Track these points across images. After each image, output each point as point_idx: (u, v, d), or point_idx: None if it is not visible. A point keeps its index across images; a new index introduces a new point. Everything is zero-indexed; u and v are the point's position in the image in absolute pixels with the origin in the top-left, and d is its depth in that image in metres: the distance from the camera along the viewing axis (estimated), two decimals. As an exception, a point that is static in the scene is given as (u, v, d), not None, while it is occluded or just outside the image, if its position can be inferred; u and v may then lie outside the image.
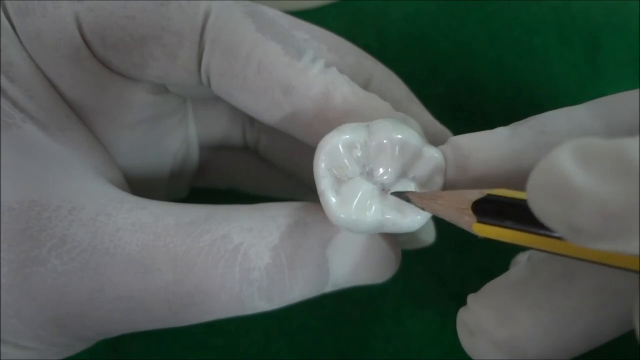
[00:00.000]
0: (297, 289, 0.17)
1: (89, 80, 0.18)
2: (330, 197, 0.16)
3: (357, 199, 0.16)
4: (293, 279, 0.17)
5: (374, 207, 0.16)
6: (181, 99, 0.21)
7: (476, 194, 0.14)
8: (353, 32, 0.29)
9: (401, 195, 0.16)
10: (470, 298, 0.16)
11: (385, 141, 0.16)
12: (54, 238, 0.16)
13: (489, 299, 0.15)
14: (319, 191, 0.16)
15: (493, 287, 0.16)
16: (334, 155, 0.16)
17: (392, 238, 0.18)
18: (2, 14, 0.17)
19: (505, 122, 0.17)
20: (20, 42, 0.18)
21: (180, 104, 0.21)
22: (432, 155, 0.16)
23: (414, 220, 0.16)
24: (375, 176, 0.16)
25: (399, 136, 0.16)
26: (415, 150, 0.16)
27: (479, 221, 0.14)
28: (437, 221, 0.19)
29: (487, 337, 0.15)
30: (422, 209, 0.16)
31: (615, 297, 0.14)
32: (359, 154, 0.16)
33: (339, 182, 0.16)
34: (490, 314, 0.15)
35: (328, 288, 0.17)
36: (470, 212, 0.14)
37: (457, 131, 0.19)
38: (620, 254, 0.12)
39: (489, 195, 0.14)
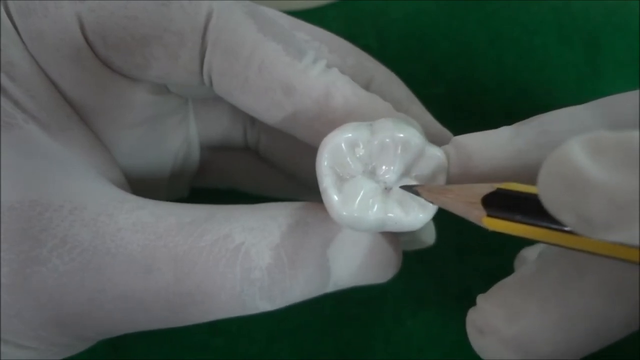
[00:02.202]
0: (298, 289, 0.17)
1: (90, 80, 0.18)
2: (332, 195, 0.16)
3: (359, 197, 0.16)
4: (294, 278, 0.17)
5: (376, 206, 0.16)
6: (182, 99, 0.21)
7: (486, 188, 0.14)
8: (353, 32, 0.29)
9: (410, 189, 0.16)
10: (480, 298, 0.16)
11: (387, 140, 0.16)
12: (55, 238, 0.16)
13: (498, 297, 0.15)
14: (321, 189, 0.16)
15: (502, 286, 0.16)
16: (337, 154, 0.16)
17: (393, 238, 0.18)
18: (4, 14, 0.17)
19: (505, 122, 0.17)
20: (22, 42, 0.18)
21: (181, 104, 0.21)
22: (435, 154, 0.16)
23: (416, 218, 0.16)
24: (377, 175, 0.16)
25: (402, 135, 0.16)
26: (417, 149, 0.16)
27: (489, 215, 0.14)
28: (438, 222, 0.19)
29: (496, 335, 0.15)
30: (431, 202, 0.16)
31: (626, 293, 0.14)
32: (361, 153, 0.16)
33: (341, 180, 0.16)
34: (500, 312, 0.15)
35: (329, 288, 0.17)
36: (480, 206, 0.14)
37: (457, 131, 0.19)
38: (630, 247, 0.12)
39: (499, 189, 0.14)
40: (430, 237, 0.22)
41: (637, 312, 0.14)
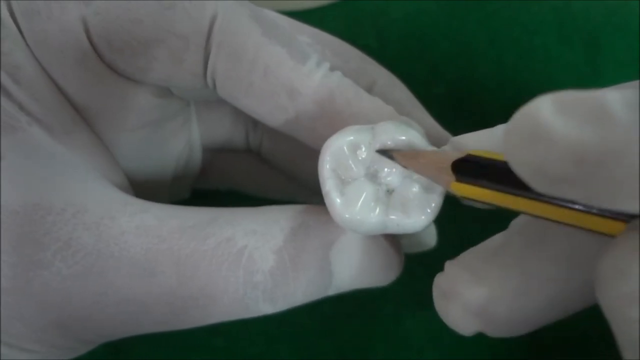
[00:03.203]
0: (300, 291, 0.17)
1: (95, 83, 0.18)
2: (335, 198, 0.16)
3: (361, 200, 0.16)
4: (297, 281, 0.17)
5: (378, 208, 0.16)
6: (185, 101, 0.21)
7: (457, 154, 0.15)
8: (353, 32, 0.29)
9: (385, 153, 0.16)
10: (447, 263, 0.16)
11: (389, 143, 0.16)
12: (59, 241, 0.16)
13: (464, 262, 0.16)
14: (323, 192, 0.16)
15: (470, 252, 0.16)
16: (339, 157, 0.16)
17: (395, 241, 0.18)
18: (9, 16, 0.17)
19: (505, 122, 0.17)
20: (27, 45, 0.18)
21: (183, 107, 0.21)
22: None
23: (417, 221, 0.16)
24: (379, 177, 0.16)
25: (403, 138, 0.16)
26: None
27: (457, 180, 0.14)
28: (438, 223, 0.19)
29: (458, 299, 0.15)
30: (404, 167, 0.16)
31: (586, 264, 0.14)
32: (363, 156, 0.16)
33: (343, 183, 0.16)
34: (464, 275, 0.15)
35: (331, 291, 0.17)
36: (449, 171, 0.15)
37: (457, 131, 0.19)
38: (588, 213, 0.12)
39: (469, 155, 0.15)
40: (431, 239, 0.22)
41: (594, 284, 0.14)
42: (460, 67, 0.28)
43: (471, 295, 0.15)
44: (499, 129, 0.16)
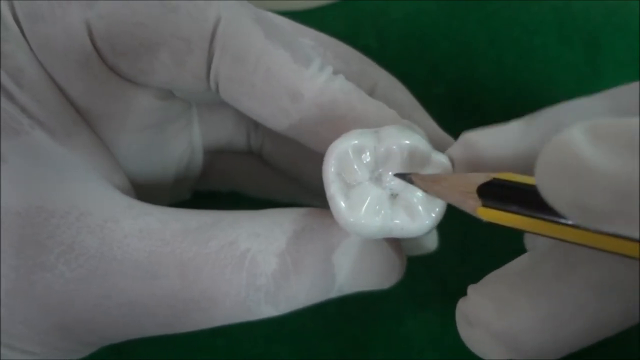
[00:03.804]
0: (303, 294, 0.17)
1: (97, 85, 0.18)
2: (339, 202, 0.16)
3: (366, 204, 0.16)
4: (299, 285, 0.17)
5: (382, 212, 0.16)
6: (187, 103, 0.21)
7: (482, 177, 0.14)
8: (353, 32, 0.29)
9: (404, 177, 0.16)
10: (470, 288, 0.16)
11: (394, 147, 0.16)
12: (62, 245, 0.16)
13: (488, 289, 0.15)
14: (328, 195, 0.16)
15: (493, 277, 0.16)
16: (344, 160, 0.16)
17: (397, 244, 0.18)
18: (12, 19, 0.17)
19: (504, 121, 0.17)
20: (29, 47, 0.17)
21: (186, 109, 0.21)
22: (440, 160, 0.16)
23: (422, 225, 0.16)
24: (383, 181, 0.16)
25: (408, 142, 0.16)
26: (423, 156, 0.16)
27: (484, 205, 0.14)
28: (440, 224, 0.19)
29: (485, 328, 0.15)
30: (425, 191, 0.16)
31: (618, 290, 0.14)
32: (367, 159, 0.16)
33: (348, 186, 0.16)
34: (490, 304, 0.15)
35: (333, 294, 0.17)
36: (475, 195, 0.14)
37: (457, 131, 0.19)
38: (628, 240, 0.12)
39: (495, 179, 0.14)
40: (432, 243, 0.22)
41: (629, 309, 0.14)
42: (460, 67, 0.28)
43: (499, 326, 0.14)
44: (512, 126, 0.16)
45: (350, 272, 0.17)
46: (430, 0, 0.30)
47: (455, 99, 0.28)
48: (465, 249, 0.25)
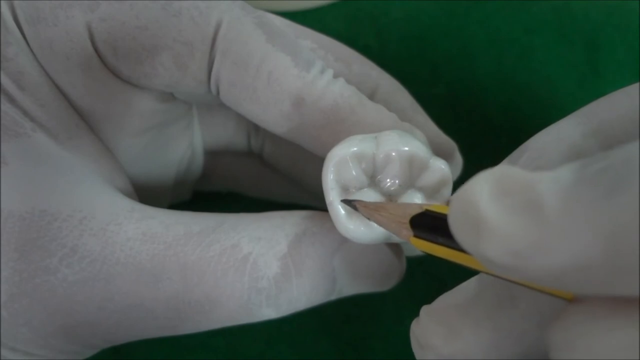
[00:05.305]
0: (304, 297, 0.17)
1: (99, 88, 0.18)
2: (339, 208, 0.16)
3: None
4: (300, 288, 0.17)
5: None
6: (187, 105, 0.21)
7: (415, 209, 0.14)
8: (353, 32, 0.29)
9: (349, 203, 0.16)
10: (423, 310, 0.16)
11: (393, 153, 0.16)
12: (65, 248, 0.16)
13: (438, 314, 0.15)
14: (327, 202, 0.16)
15: (443, 302, 0.16)
16: (343, 167, 0.16)
17: (398, 247, 0.18)
18: (13, 22, 0.17)
19: (505, 122, 0.17)
20: (31, 50, 0.18)
21: (186, 111, 0.21)
22: (439, 167, 0.16)
23: None
24: (382, 187, 0.16)
25: (407, 148, 0.16)
26: (422, 162, 0.16)
27: (415, 235, 0.14)
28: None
29: (435, 352, 0.15)
30: (367, 218, 0.16)
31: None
32: (366, 166, 0.16)
33: (347, 193, 0.16)
34: (439, 329, 0.15)
35: (334, 296, 0.18)
36: (408, 226, 0.14)
37: (457, 131, 0.19)
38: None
39: (427, 210, 0.14)
40: None
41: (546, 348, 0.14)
42: (460, 67, 0.28)
43: (446, 351, 0.15)
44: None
45: (351, 275, 0.17)
46: (430, 0, 0.30)
47: (455, 99, 0.28)
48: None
